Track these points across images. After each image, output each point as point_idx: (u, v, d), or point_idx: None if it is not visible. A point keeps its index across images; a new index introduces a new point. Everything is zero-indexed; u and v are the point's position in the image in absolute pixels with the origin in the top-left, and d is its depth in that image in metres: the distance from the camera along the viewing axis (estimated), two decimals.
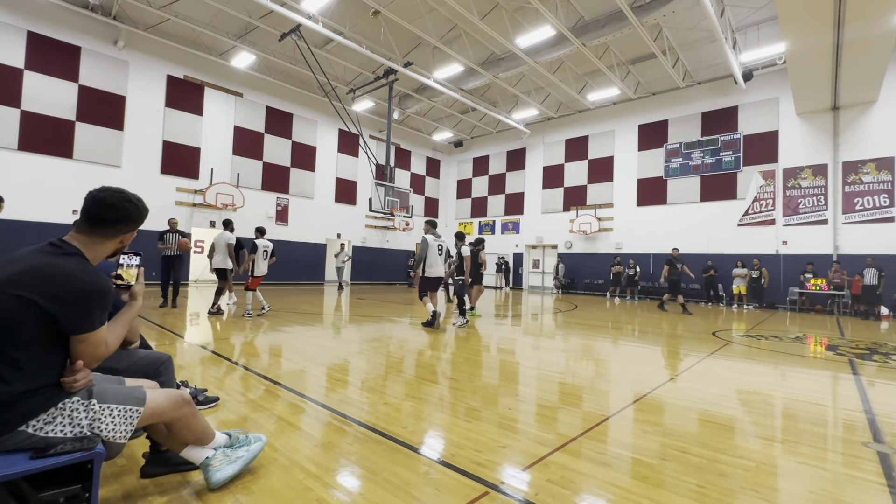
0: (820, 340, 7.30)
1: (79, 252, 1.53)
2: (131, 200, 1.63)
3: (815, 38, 9.70)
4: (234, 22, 13.34)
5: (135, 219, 1.65)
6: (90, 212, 1.56)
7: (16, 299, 1.37)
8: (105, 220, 1.57)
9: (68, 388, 1.51)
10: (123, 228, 1.63)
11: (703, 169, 15.91)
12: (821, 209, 13.60)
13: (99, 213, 1.56)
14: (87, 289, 1.46)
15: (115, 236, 1.62)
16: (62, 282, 1.43)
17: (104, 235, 1.59)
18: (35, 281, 1.40)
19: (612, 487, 2.05)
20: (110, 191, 1.60)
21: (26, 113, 11.77)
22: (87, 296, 1.46)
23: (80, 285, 1.45)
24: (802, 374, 4.69)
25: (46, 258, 1.46)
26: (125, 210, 1.60)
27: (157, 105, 14.16)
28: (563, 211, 19.82)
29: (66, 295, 1.42)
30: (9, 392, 1.39)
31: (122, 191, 1.63)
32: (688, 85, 15.93)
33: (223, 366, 4.23)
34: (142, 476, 1.99)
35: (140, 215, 1.66)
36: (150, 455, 2.04)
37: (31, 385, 1.43)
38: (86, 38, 12.74)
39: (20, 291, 1.38)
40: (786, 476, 2.27)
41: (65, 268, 1.46)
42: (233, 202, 15.15)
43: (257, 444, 2.09)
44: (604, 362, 5.08)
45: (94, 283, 1.48)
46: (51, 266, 1.44)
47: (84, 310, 1.46)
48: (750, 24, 12.77)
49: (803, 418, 3.22)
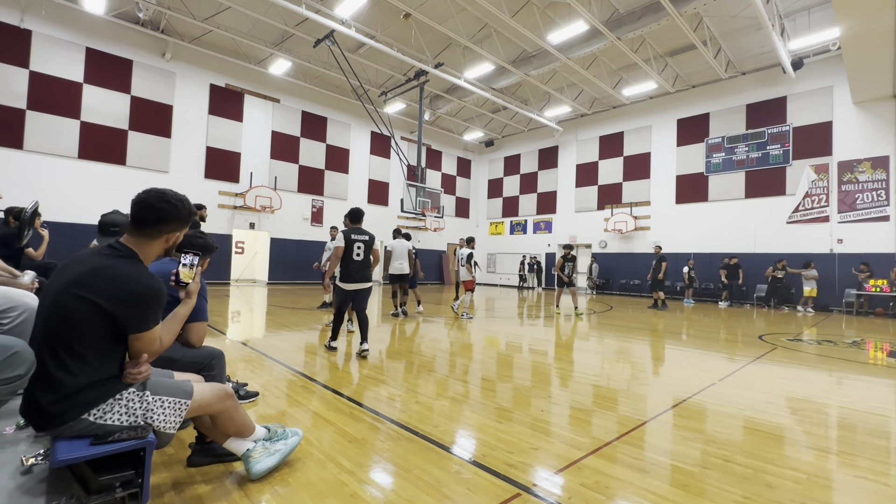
0: (881, 346, 6.78)
1: (134, 254, 1.62)
2: (169, 201, 1.66)
3: (874, 20, 9.00)
4: (271, 31, 13.84)
5: (175, 218, 1.68)
6: (133, 213, 1.65)
7: (80, 300, 1.48)
8: (145, 220, 1.63)
9: (132, 379, 1.62)
10: (165, 228, 1.67)
11: (747, 164, 15.10)
12: (881, 205, 12.61)
13: (139, 214, 1.63)
14: (142, 290, 1.56)
15: (158, 236, 1.67)
16: (119, 284, 1.53)
17: (148, 236, 1.65)
18: (96, 282, 1.51)
19: (650, 494, 1.99)
20: (151, 192, 1.65)
21: (85, 124, 12.67)
22: (141, 297, 1.56)
23: (136, 287, 1.55)
24: (861, 382, 4.37)
25: (106, 261, 1.56)
26: (163, 210, 1.64)
27: (201, 113, 14.90)
28: (597, 209, 19.33)
29: (124, 296, 1.52)
30: (76, 383, 1.51)
31: (162, 192, 1.67)
32: (731, 76, 15.15)
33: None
34: (188, 465, 2.11)
35: (179, 214, 1.69)
36: (196, 445, 2.16)
37: (95, 377, 1.55)
38: (137, 52, 13.56)
39: (83, 293, 1.49)
40: (841, 490, 2.12)
41: (121, 270, 1.55)
42: (271, 204, 15.71)
43: (294, 438, 2.17)
44: (640, 365, 4.92)
45: (149, 286, 1.58)
46: (110, 268, 1.54)
47: (139, 310, 1.56)
48: (799, 10, 12.00)
49: (862, 429, 3.00)
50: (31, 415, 1.53)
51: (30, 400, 1.52)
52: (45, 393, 1.49)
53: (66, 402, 1.50)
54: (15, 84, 11.64)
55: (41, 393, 1.49)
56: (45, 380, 1.49)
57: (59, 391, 1.49)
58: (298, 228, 17.02)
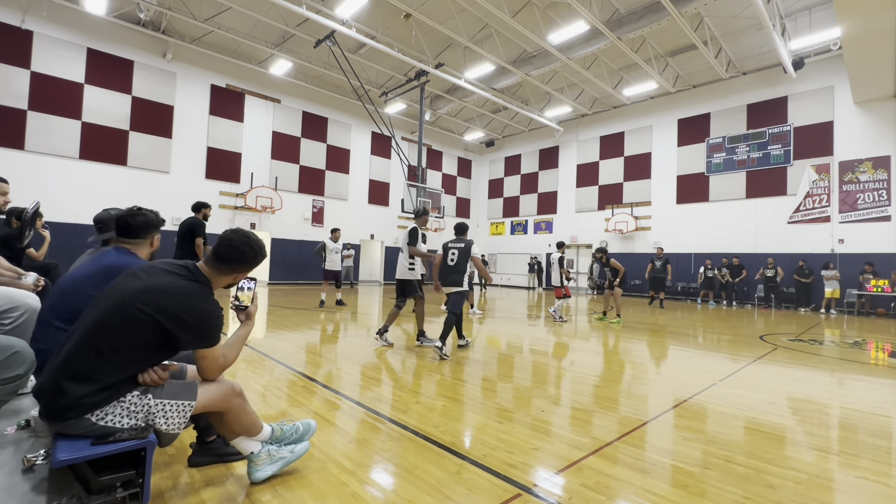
0: (882, 346, 6.77)
1: (208, 281, 1.81)
2: (251, 246, 1.85)
3: (875, 20, 8.99)
4: (272, 31, 13.85)
5: (250, 262, 1.88)
6: (217, 249, 1.83)
7: (139, 311, 1.59)
8: (224, 257, 1.82)
9: (150, 379, 1.68)
10: (238, 268, 1.87)
11: (748, 164, 15.08)
12: (882, 205, 12.59)
13: (220, 250, 1.82)
14: (204, 315, 1.71)
15: (230, 273, 1.87)
16: (184, 305, 1.67)
17: (222, 271, 1.85)
18: (161, 299, 1.64)
19: (650, 495, 1.99)
20: (239, 234, 1.85)
21: (86, 124, 12.68)
22: (203, 321, 1.70)
23: (199, 312, 1.70)
24: (862, 383, 4.36)
25: (179, 281, 1.72)
26: (243, 254, 1.84)
27: (201, 113, 14.91)
28: (597, 210, 19.32)
29: (186, 316, 1.66)
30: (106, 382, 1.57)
31: (248, 236, 1.86)
32: (732, 76, 15.14)
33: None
34: (189, 465, 2.11)
35: (255, 260, 1.89)
36: (197, 445, 2.15)
37: (114, 380, 1.59)
38: (138, 53, 13.58)
39: (145, 306, 1.60)
40: (843, 491, 2.12)
41: (190, 292, 1.72)
42: (271, 205, 15.72)
43: (301, 447, 2.13)
44: (641, 365, 4.91)
45: (210, 312, 1.73)
46: (180, 289, 1.70)
47: (201, 331, 1.71)
48: (800, 10, 11.99)
49: (864, 430, 3.00)
50: (50, 402, 1.54)
51: (55, 387, 1.52)
52: (79, 385, 1.52)
53: (94, 396, 1.54)
54: (16, 85, 11.65)
55: (72, 384, 1.52)
56: (82, 372, 1.53)
57: (95, 385, 1.54)
58: (299, 229, 17.03)
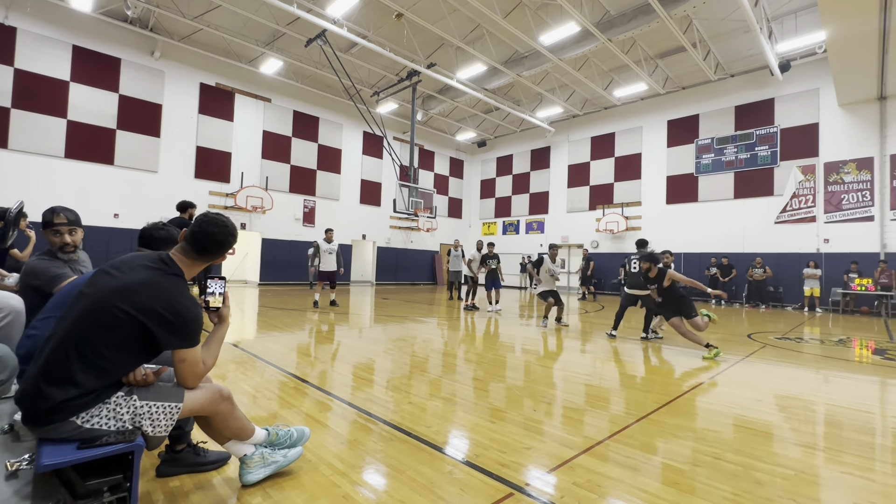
0: (866, 344, 6.90)
1: (181, 273, 1.72)
2: (229, 232, 1.78)
3: (859, 24, 9.17)
4: (262, 30, 13.73)
5: (226, 247, 1.81)
6: (195, 240, 1.73)
7: (124, 309, 1.53)
8: (208, 250, 1.76)
9: (136, 380, 1.64)
10: (213, 258, 1.82)
11: (736, 165, 15.29)
12: (866, 205, 12.85)
13: (201, 242, 1.73)
14: (183, 311, 1.63)
15: (205, 263, 1.81)
16: (164, 301, 1.59)
17: (197, 261, 1.78)
18: (139, 296, 1.57)
19: (641, 493, 2.01)
20: (217, 224, 1.75)
21: (72, 123, 12.46)
22: (183, 317, 1.62)
23: (179, 307, 1.62)
24: (847, 380, 4.45)
25: (155, 276, 1.64)
26: (222, 244, 1.77)
27: (190, 112, 14.73)
28: (588, 210, 19.45)
29: (166, 313, 1.58)
30: (90, 386, 1.51)
31: (225, 223, 1.78)
32: (720, 78, 15.34)
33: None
34: (157, 475, 2.02)
35: (230, 243, 1.83)
36: (166, 454, 2.07)
37: (96, 383, 1.54)
38: (125, 50, 13.37)
39: (123, 304, 1.54)
40: (828, 486, 2.16)
41: (168, 288, 1.64)
42: (262, 205, 15.58)
43: (294, 452, 2.10)
44: (631, 364, 4.96)
45: (189, 308, 1.65)
46: (158, 285, 1.62)
47: (180, 329, 1.62)
48: (787, 13, 12.18)
49: (848, 426, 3.05)
50: (31, 407, 1.50)
51: (35, 392, 1.48)
52: (61, 389, 1.47)
53: (77, 399, 1.50)
54: None
55: (53, 388, 1.47)
56: (63, 376, 1.48)
57: (77, 388, 1.49)
58: (290, 229, 16.91)
